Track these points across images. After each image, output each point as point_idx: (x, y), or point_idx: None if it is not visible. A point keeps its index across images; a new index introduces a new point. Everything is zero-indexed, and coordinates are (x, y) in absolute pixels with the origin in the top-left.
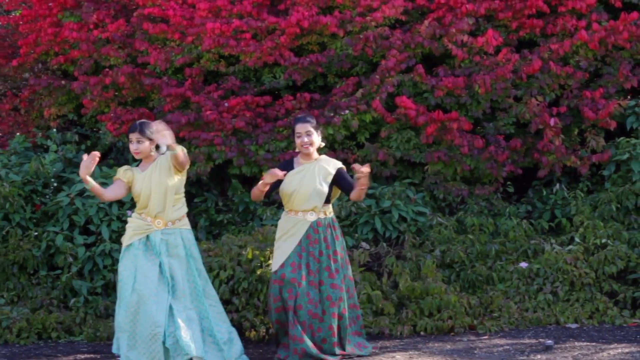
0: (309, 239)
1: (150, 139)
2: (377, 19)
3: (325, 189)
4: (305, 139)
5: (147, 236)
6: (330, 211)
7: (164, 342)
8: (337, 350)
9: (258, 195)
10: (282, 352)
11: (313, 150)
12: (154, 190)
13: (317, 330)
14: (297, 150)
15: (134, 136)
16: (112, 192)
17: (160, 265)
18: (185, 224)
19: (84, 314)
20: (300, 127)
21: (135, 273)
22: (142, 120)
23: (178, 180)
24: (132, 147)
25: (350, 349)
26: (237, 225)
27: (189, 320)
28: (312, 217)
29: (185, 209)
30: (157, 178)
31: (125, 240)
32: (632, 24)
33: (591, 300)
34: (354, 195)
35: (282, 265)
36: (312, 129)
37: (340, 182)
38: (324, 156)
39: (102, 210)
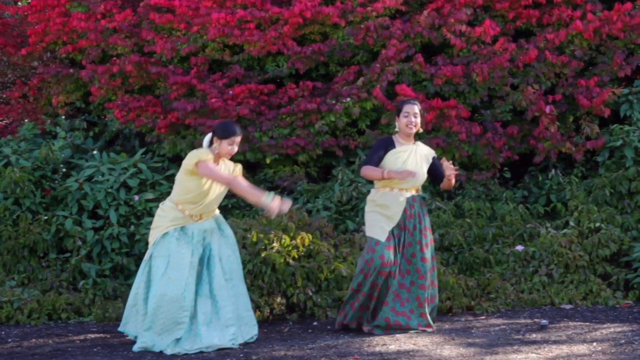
0: (405, 213)
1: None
2: (378, 9)
3: (425, 171)
4: (412, 119)
5: (184, 226)
6: (420, 189)
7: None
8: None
9: (373, 177)
10: (350, 315)
11: (415, 131)
12: (216, 194)
13: (405, 300)
14: (397, 130)
15: (237, 139)
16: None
17: (192, 254)
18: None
19: (92, 295)
20: (408, 108)
21: (168, 259)
22: (232, 123)
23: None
24: (230, 148)
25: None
26: (241, 209)
27: (212, 309)
28: (408, 194)
29: None
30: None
31: (161, 229)
32: (626, 14)
33: (585, 282)
34: (444, 185)
35: (381, 238)
36: (418, 112)
37: (435, 169)
38: (419, 142)
39: (110, 195)
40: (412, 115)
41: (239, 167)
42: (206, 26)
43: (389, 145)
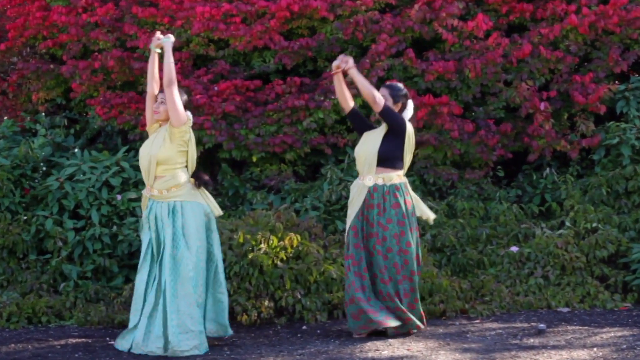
0: (365, 203)
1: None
2: (367, 3)
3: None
4: None
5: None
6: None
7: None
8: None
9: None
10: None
11: None
12: (143, 157)
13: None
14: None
15: (160, 96)
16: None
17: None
18: (178, 195)
19: (74, 298)
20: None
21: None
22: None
23: (171, 151)
24: (154, 106)
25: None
26: (227, 209)
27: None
28: (369, 182)
29: (177, 180)
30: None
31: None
32: (622, 9)
33: (582, 284)
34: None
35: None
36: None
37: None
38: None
39: (92, 195)
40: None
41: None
42: (190, 20)
43: None
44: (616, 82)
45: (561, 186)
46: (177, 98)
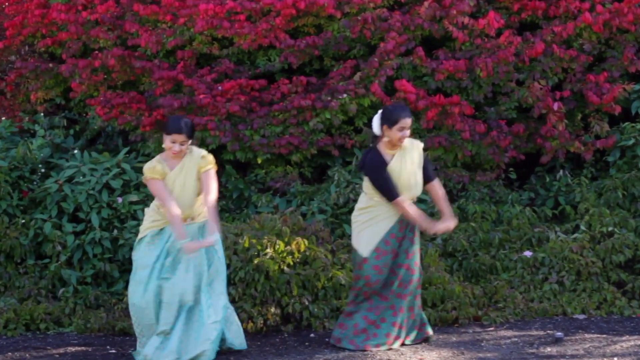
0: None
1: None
2: (376, 0)
3: (420, 178)
4: (407, 133)
5: (162, 228)
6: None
7: None
8: None
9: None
10: None
11: None
12: (181, 187)
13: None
14: (384, 139)
15: (179, 138)
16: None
17: (159, 257)
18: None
19: (73, 304)
20: (406, 122)
21: (136, 264)
22: (185, 119)
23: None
24: (175, 147)
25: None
26: (231, 212)
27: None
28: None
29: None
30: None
31: (140, 234)
32: (637, 6)
33: (598, 290)
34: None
35: None
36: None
37: (425, 168)
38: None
39: (92, 197)
40: (407, 129)
41: (209, 158)
42: (193, 18)
43: (383, 162)
44: (631, 81)
45: (575, 189)
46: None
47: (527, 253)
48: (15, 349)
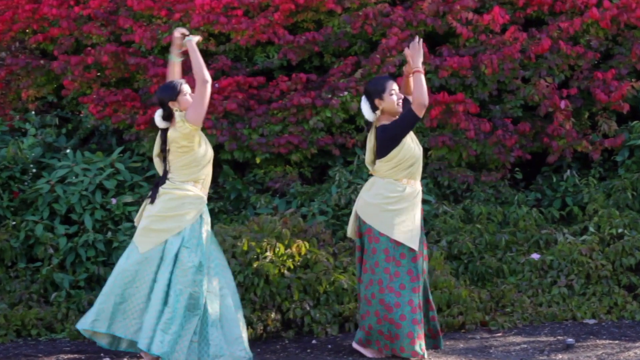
0: None
1: None
2: None
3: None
4: (400, 94)
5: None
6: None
7: None
8: None
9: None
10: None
11: None
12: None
13: None
14: (377, 113)
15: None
16: None
17: None
18: None
19: (65, 309)
20: (393, 84)
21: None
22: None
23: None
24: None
25: None
26: (228, 214)
27: None
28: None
29: None
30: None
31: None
32: None
33: (609, 294)
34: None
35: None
36: None
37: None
38: None
39: (85, 198)
40: (397, 91)
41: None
42: (189, 13)
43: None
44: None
45: (583, 189)
46: (207, 98)
47: (535, 256)
48: (5, 356)
